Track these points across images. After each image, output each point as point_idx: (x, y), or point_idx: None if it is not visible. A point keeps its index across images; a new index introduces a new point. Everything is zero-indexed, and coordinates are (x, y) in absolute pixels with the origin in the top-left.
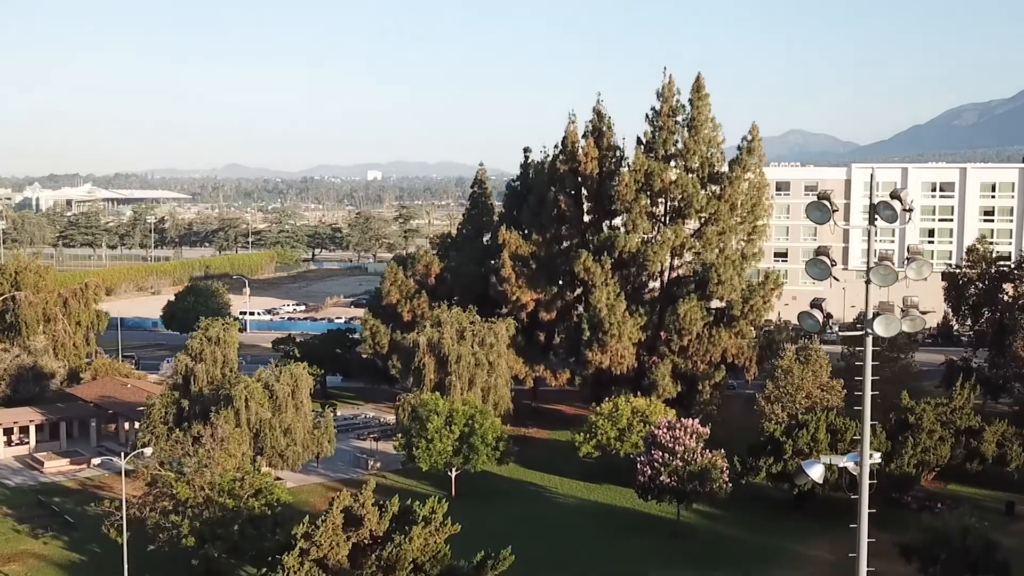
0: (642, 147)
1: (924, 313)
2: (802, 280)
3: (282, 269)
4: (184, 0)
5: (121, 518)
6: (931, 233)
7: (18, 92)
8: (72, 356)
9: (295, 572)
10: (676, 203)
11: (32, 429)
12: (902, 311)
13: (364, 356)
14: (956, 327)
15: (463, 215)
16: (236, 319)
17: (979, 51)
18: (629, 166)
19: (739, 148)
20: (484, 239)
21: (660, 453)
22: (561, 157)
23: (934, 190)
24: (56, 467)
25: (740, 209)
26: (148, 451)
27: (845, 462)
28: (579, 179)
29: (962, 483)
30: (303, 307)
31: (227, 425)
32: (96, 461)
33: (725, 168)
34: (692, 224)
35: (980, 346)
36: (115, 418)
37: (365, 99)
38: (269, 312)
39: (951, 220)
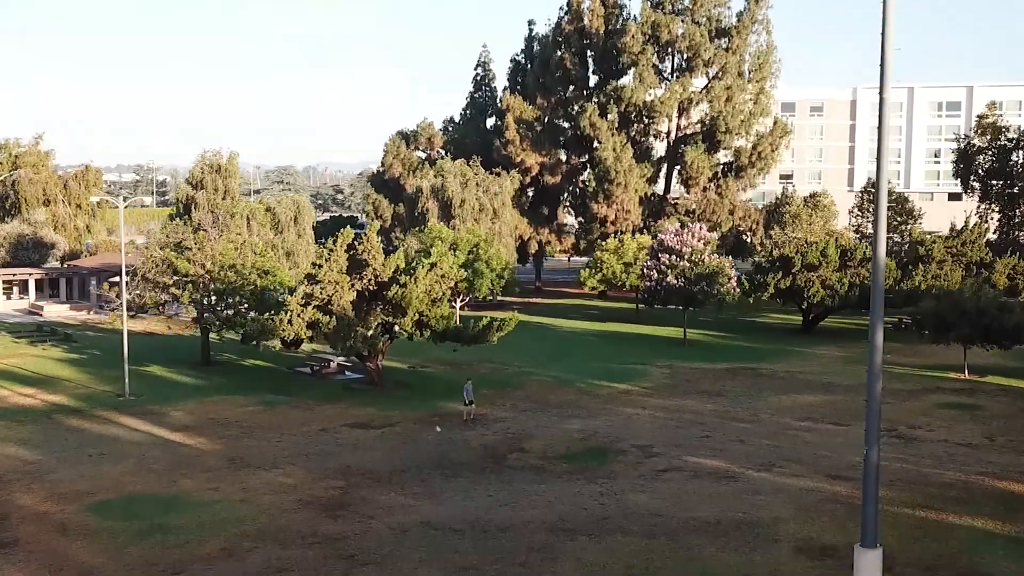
0: (649, 2)
1: (931, 234)
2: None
3: None
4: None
5: (120, 290)
6: (937, 154)
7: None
8: (72, 239)
9: (298, 315)
10: (683, 58)
11: (31, 283)
12: None
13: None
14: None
15: (466, 98)
16: None
17: (980, 46)
18: (636, 19)
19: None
20: (488, 123)
21: (667, 256)
22: (567, 18)
23: (940, 109)
24: (56, 311)
25: (747, 66)
26: (148, 200)
27: None
28: (584, 40)
29: None
30: None
31: (227, 215)
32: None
33: (734, 21)
34: (700, 81)
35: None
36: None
37: (366, 97)
38: None
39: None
